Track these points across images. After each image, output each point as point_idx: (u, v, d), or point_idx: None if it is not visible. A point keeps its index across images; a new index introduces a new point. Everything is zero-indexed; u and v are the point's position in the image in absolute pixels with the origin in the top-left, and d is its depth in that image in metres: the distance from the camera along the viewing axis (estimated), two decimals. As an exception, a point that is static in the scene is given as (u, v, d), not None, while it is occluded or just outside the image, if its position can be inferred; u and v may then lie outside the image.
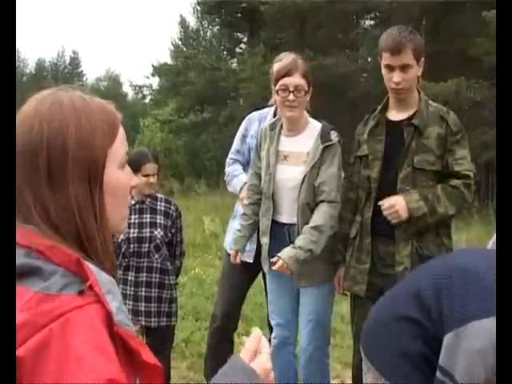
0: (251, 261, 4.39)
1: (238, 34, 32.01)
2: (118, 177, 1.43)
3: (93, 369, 1.15)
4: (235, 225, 4.53)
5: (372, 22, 28.11)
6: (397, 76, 3.56)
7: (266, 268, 4.05)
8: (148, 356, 1.28)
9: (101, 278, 1.28)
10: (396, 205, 3.56)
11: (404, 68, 3.55)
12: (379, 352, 2.93)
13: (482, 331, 2.63)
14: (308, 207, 3.85)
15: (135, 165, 4.22)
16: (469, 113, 20.62)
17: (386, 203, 3.58)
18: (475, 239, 12.55)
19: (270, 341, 4.34)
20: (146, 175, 4.33)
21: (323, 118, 4.09)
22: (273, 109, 4.54)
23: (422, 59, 3.61)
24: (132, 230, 4.32)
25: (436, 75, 20.88)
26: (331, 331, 4.56)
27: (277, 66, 4.22)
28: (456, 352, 2.67)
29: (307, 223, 3.79)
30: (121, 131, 1.46)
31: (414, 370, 2.80)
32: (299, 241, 3.75)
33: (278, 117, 4.14)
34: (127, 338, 1.25)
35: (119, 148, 1.44)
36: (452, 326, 2.69)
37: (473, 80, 19.88)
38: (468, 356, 2.64)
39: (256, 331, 1.58)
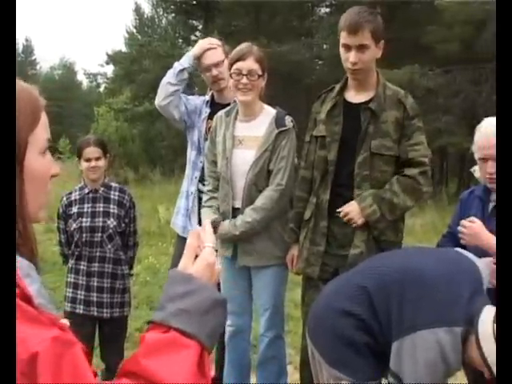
0: None
1: (194, 21, 31.84)
2: (39, 163, 1.38)
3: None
4: (182, 205, 4.55)
5: (327, 10, 28.20)
6: (353, 56, 3.54)
7: (223, 253, 4.03)
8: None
9: (19, 263, 1.25)
10: (350, 212, 3.59)
11: (361, 48, 3.53)
12: (323, 340, 2.96)
13: (431, 341, 2.67)
14: (255, 189, 3.88)
15: (78, 150, 4.28)
16: (422, 100, 20.83)
17: (342, 212, 3.59)
18: (429, 224, 12.71)
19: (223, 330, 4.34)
20: (88, 159, 4.28)
21: (278, 104, 4.09)
22: (207, 96, 4.55)
23: (382, 42, 3.59)
24: (85, 220, 4.25)
25: (390, 62, 21.04)
26: (286, 317, 4.57)
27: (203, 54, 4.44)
28: (405, 359, 2.72)
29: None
30: (43, 117, 1.42)
31: (358, 357, 2.84)
32: (236, 220, 3.86)
33: (234, 104, 4.13)
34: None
35: (41, 134, 1.39)
36: (401, 333, 2.73)
37: (426, 67, 20.07)
38: (416, 365, 2.69)
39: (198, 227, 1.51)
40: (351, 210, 3.59)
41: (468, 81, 20.28)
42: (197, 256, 1.46)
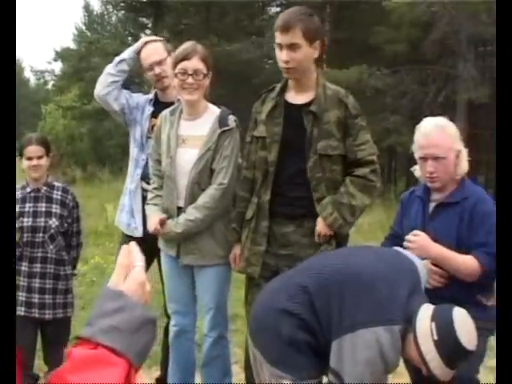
0: (140, 234, 4.33)
1: (143, 19, 31.60)
2: None
3: None
4: (125, 202, 4.52)
5: (278, 10, 28.26)
6: (284, 54, 3.57)
7: (167, 252, 4.02)
8: None
9: None
10: (318, 229, 3.62)
11: (292, 47, 3.55)
12: (264, 339, 2.97)
13: (371, 340, 2.71)
14: (198, 188, 3.88)
15: (19, 149, 4.19)
16: (370, 99, 21.07)
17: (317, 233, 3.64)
18: (377, 223, 12.84)
19: (166, 329, 4.31)
20: (29, 158, 4.22)
21: (228, 103, 4.09)
22: (151, 95, 4.53)
23: (318, 42, 3.60)
24: (26, 219, 4.17)
25: (339, 63, 21.20)
26: (232, 316, 4.56)
27: (145, 52, 4.44)
28: (345, 358, 2.75)
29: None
30: None
31: (299, 355, 2.86)
32: (179, 219, 3.85)
33: (178, 103, 4.11)
34: None
35: None
36: (341, 332, 2.77)
37: (374, 67, 20.28)
38: (356, 363, 2.73)
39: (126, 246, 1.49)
40: (318, 227, 3.64)
41: (415, 81, 20.56)
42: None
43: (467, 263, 3.32)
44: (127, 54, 4.48)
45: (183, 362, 4.15)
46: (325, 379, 2.96)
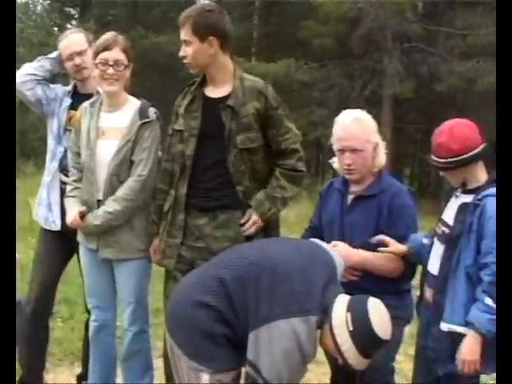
0: (58, 228, 4.26)
1: (70, 9, 31.03)
2: None
3: None
4: (43, 195, 4.43)
5: (206, 2, 28.14)
6: (182, 50, 3.61)
7: (87, 245, 3.96)
8: None
9: None
10: (250, 220, 3.61)
11: (186, 43, 3.58)
12: (181, 333, 2.96)
13: (287, 330, 2.73)
14: (117, 180, 3.84)
15: None
16: (298, 93, 21.26)
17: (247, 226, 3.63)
18: (303, 215, 12.93)
19: (87, 324, 4.25)
20: None
21: (156, 95, 4.06)
22: (70, 86, 4.46)
23: (211, 38, 3.57)
24: None
25: (267, 56, 21.31)
26: (155, 310, 4.53)
27: (65, 42, 4.33)
28: (261, 349, 2.77)
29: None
30: None
31: (217, 348, 2.86)
32: (98, 211, 3.82)
33: (98, 94, 4.06)
34: None
35: None
36: (258, 324, 2.78)
37: (302, 61, 20.45)
38: (273, 354, 2.74)
39: None
40: (251, 218, 3.62)
41: (342, 75, 20.83)
42: None
43: (390, 261, 3.39)
44: (54, 53, 4.43)
45: (104, 357, 4.09)
46: (243, 371, 2.97)
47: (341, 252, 3.27)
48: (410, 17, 20.47)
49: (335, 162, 3.59)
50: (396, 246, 3.36)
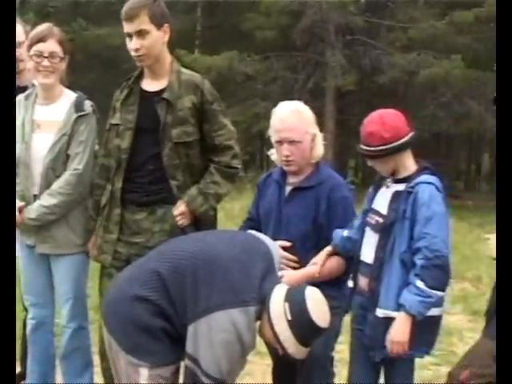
0: None
1: (8, 0, 30.32)
2: None
3: None
4: None
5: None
6: (134, 42, 3.51)
7: (25, 241, 3.89)
8: None
9: None
10: (177, 210, 3.57)
11: (140, 34, 3.50)
12: (119, 327, 2.93)
13: (226, 322, 2.73)
14: (53, 174, 3.78)
15: None
16: (241, 86, 21.25)
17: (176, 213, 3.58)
18: (246, 208, 12.94)
19: (25, 322, 4.17)
20: None
21: (99, 88, 3.99)
22: None
23: (166, 25, 3.56)
24: None
25: (210, 49, 21.25)
26: (96, 306, 4.47)
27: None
28: (201, 342, 2.76)
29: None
30: None
31: (155, 342, 2.84)
32: (33, 205, 3.75)
33: (33, 87, 3.98)
34: None
35: None
36: (197, 316, 2.77)
37: (245, 54, 20.43)
38: (212, 346, 2.74)
39: None
40: (178, 209, 3.58)
41: (285, 67, 20.90)
42: None
43: (333, 265, 3.42)
44: None
45: (43, 355, 4.02)
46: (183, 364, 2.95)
47: (289, 281, 3.25)
48: (352, 10, 20.64)
49: (273, 154, 3.59)
50: (324, 252, 3.41)
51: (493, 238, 3.33)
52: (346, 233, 3.37)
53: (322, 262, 3.39)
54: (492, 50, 26.17)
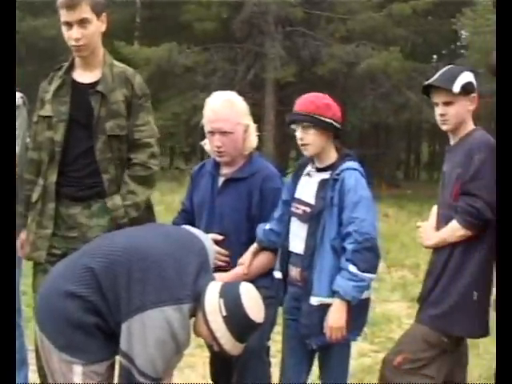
0: None
1: None
2: None
3: None
4: None
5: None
6: (76, 32, 3.41)
7: None
8: None
9: None
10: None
11: (82, 23, 3.41)
12: (51, 324, 2.87)
13: (160, 319, 2.69)
14: None
15: None
16: (181, 77, 21.12)
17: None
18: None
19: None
20: None
21: (34, 80, 3.87)
22: None
23: (104, 15, 3.50)
24: None
25: (149, 40, 21.05)
26: (31, 305, 4.38)
27: None
28: (134, 339, 2.72)
29: None
30: None
31: (88, 339, 2.79)
32: None
33: None
34: None
35: None
36: (130, 314, 2.73)
37: (184, 45, 20.31)
38: (146, 344, 2.70)
39: None
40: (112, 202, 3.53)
41: (225, 59, 20.85)
42: None
43: (262, 261, 3.43)
44: None
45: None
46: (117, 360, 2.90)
47: (230, 279, 3.27)
48: (291, 1, 20.70)
49: (206, 144, 3.56)
50: (249, 251, 3.41)
51: (424, 225, 3.37)
52: (267, 226, 3.37)
53: (248, 262, 3.40)
54: (429, 42, 26.60)
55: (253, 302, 2.86)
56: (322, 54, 20.49)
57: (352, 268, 3.01)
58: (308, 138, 3.17)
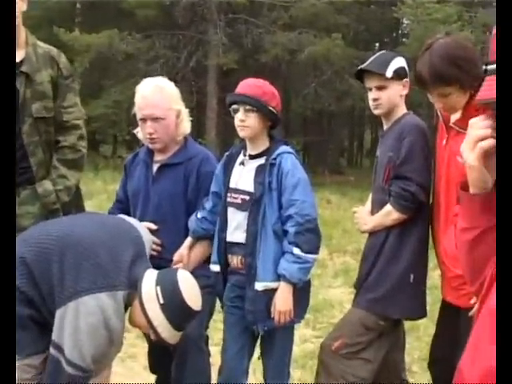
0: None
1: None
2: None
3: None
4: None
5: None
6: None
7: None
8: None
9: None
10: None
11: None
12: None
13: (93, 306, 2.63)
14: None
15: None
16: (123, 64, 20.87)
17: None
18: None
19: None
20: None
21: None
22: None
23: None
24: None
25: (90, 27, 20.70)
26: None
27: None
28: (66, 328, 2.67)
29: None
30: None
31: (22, 331, 2.72)
32: None
33: None
34: None
35: None
36: (64, 301, 2.67)
37: (126, 32, 20.06)
38: (77, 331, 2.64)
39: None
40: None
41: (167, 46, 20.66)
42: None
43: (199, 252, 3.40)
44: None
45: None
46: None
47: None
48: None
49: (139, 132, 3.49)
50: (185, 245, 3.38)
51: (360, 210, 3.39)
52: (199, 215, 3.33)
53: (186, 258, 3.36)
54: (371, 30, 26.80)
55: (190, 289, 2.84)
56: (265, 41, 20.47)
57: (296, 250, 3.02)
58: (249, 121, 3.13)
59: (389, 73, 3.19)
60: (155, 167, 3.46)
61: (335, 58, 19.99)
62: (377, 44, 30.56)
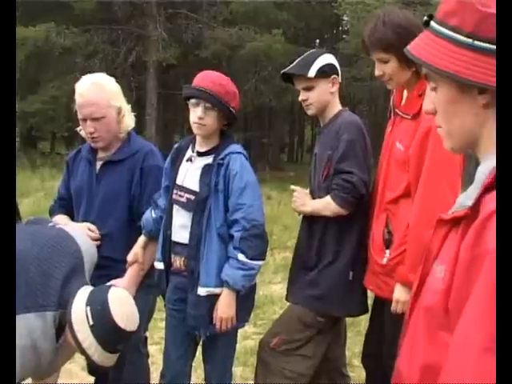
0: None
1: None
2: None
3: None
4: None
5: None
6: None
7: None
8: None
9: None
10: None
11: None
12: None
13: (21, 327, 2.44)
14: None
15: None
16: (60, 59, 20.51)
17: None
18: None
19: None
20: None
21: None
22: None
23: None
24: None
25: (26, 20, 20.26)
26: None
27: None
28: None
29: None
30: None
31: None
32: None
33: None
34: None
35: None
36: None
37: (63, 26, 19.72)
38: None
39: None
40: None
41: (106, 41, 20.39)
42: None
43: (153, 252, 3.27)
44: None
45: None
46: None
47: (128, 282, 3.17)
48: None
49: (82, 130, 3.37)
50: (138, 245, 3.28)
51: (299, 190, 3.30)
52: (154, 214, 3.23)
53: (141, 259, 3.25)
54: (311, 27, 26.91)
55: (121, 309, 2.64)
56: (205, 36, 20.42)
57: (241, 256, 2.95)
58: (207, 120, 3.04)
59: (311, 73, 3.15)
60: (99, 165, 3.36)
61: (276, 53, 20.04)
62: (317, 40, 30.77)
